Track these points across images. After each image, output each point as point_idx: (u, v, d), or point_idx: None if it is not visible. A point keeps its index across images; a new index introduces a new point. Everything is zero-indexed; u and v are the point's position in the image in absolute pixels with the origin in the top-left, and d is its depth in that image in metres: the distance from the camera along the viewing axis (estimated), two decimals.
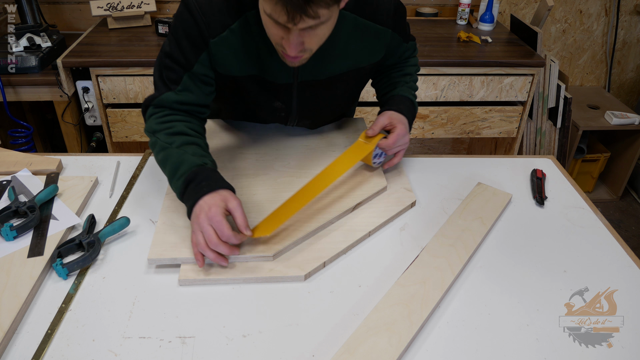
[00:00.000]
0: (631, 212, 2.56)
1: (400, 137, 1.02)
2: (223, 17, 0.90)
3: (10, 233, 0.87)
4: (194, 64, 0.93)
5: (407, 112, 1.06)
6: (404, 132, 1.02)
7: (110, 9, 2.12)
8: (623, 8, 2.54)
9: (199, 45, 0.92)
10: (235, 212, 0.83)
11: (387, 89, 1.12)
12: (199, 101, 0.96)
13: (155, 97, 0.95)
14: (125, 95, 1.94)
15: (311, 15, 0.75)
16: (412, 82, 1.14)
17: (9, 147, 1.53)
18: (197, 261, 0.82)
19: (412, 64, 1.16)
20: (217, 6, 0.90)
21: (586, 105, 2.51)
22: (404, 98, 1.08)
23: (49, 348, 0.71)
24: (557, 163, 1.19)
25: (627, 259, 0.91)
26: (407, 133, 1.04)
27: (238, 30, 0.92)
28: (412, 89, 1.12)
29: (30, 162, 1.08)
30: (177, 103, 0.94)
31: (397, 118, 1.03)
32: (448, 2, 2.45)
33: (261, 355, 0.71)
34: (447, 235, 0.92)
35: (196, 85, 0.95)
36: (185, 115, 0.96)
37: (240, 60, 0.95)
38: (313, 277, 0.84)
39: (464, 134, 2.18)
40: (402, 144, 1.04)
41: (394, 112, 1.04)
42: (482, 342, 0.74)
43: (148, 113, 0.97)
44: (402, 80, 1.12)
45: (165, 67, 0.94)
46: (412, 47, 1.14)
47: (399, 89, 1.10)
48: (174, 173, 0.88)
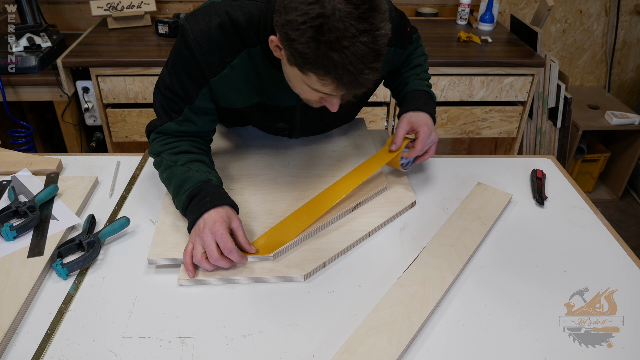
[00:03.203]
0: (631, 212, 2.56)
1: (425, 140, 1.00)
2: (223, 54, 0.88)
3: (10, 233, 0.87)
4: (195, 99, 0.92)
5: (425, 107, 1.03)
6: (428, 133, 1.00)
7: (110, 9, 2.12)
8: (623, 8, 2.54)
9: (200, 82, 0.90)
10: (237, 231, 0.84)
11: (400, 86, 1.11)
12: (202, 129, 0.96)
13: (158, 126, 0.95)
14: (125, 95, 1.94)
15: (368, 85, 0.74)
16: (424, 72, 1.11)
17: (9, 147, 1.53)
18: (187, 271, 0.81)
19: (418, 54, 1.14)
20: (216, 43, 0.87)
21: (586, 105, 2.51)
22: (419, 93, 1.06)
23: (49, 348, 0.71)
24: (557, 163, 1.19)
25: (627, 259, 0.91)
26: (432, 131, 1.01)
27: (239, 66, 0.90)
28: (424, 79, 1.10)
29: (30, 162, 1.08)
30: (180, 133, 0.95)
31: (417, 120, 1.01)
32: (448, 2, 2.45)
33: (261, 355, 0.71)
34: (447, 236, 0.92)
35: (198, 117, 0.94)
36: (190, 137, 0.96)
37: (242, 93, 0.94)
38: (313, 277, 0.84)
39: (464, 134, 2.18)
40: (429, 143, 1.02)
41: (413, 112, 1.02)
42: (482, 342, 0.74)
43: (151, 138, 0.97)
44: (412, 74, 1.10)
45: (166, 98, 0.93)
46: (415, 39, 1.12)
47: (412, 83, 1.08)
48: (178, 190, 0.88)
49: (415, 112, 1.02)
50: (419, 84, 1.08)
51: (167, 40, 2.06)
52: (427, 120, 1.01)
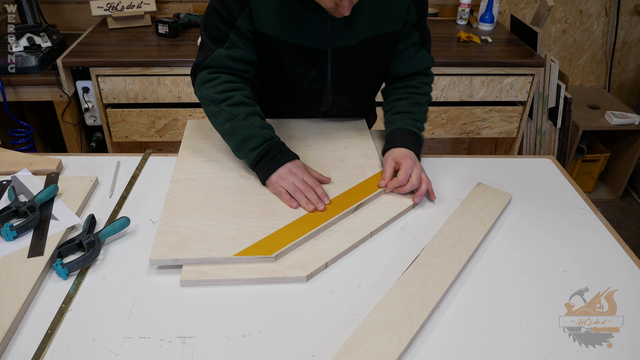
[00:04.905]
0: (631, 212, 2.56)
1: (408, 170, 1.00)
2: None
3: (10, 233, 0.87)
4: (238, 19, 0.99)
5: (411, 147, 1.05)
6: (411, 164, 1.01)
7: (110, 9, 2.12)
8: (623, 8, 2.54)
9: (241, 1, 0.98)
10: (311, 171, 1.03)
11: (392, 117, 1.13)
12: (247, 56, 1.04)
13: (207, 57, 1.03)
14: (125, 95, 1.94)
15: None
16: (421, 113, 1.13)
17: (9, 147, 1.54)
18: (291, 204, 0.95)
19: (423, 92, 1.16)
20: None
21: (586, 105, 2.51)
22: (408, 133, 1.08)
23: (49, 348, 0.71)
24: (557, 163, 1.19)
25: (627, 259, 0.91)
26: (416, 164, 1.02)
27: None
28: (418, 120, 1.11)
29: (30, 162, 1.08)
30: (229, 58, 1.02)
31: (400, 154, 1.04)
32: (448, 2, 2.45)
33: (261, 355, 0.71)
34: (447, 235, 0.92)
35: (242, 41, 1.02)
36: (237, 78, 1.05)
37: (276, 21, 1.00)
38: (313, 278, 0.84)
39: (464, 134, 2.18)
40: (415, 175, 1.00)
41: (398, 148, 1.05)
42: (482, 342, 0.74)
43: (200, 78, 1.04)
44: (409, 111, 1.12)
45: (211, 25, 1.02)
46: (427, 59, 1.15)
47: (404, 122, 1.09)
48: (244, 145, 1.01)
49: (399, 149, 1.05)
50: (411, 124, 1.09)
51: (167, 40, 2.06)
52: (411, 154, 1.04)
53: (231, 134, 1.02)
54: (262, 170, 1.00)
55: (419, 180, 1.00)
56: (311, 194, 0.97)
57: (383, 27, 1.05)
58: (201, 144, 1.15)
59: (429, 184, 1.01)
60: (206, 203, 0.96)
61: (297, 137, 1.19)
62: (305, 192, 0.97)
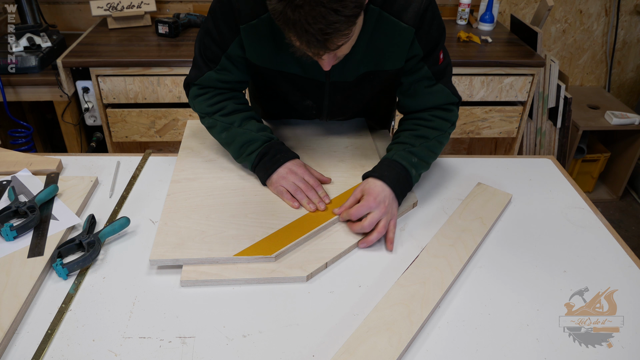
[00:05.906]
0: (631, 212, 2.56)
1: (363, 209, 0.89)
2: (256, 5, 0.90)
3: (10, 233, 0.87)
4: (230, 45, 0.97)
5: (391, 181, 0.93)
6: (372, 203, 0.89)
7: (110, 9, 2.12)
8: (623, 8, 2.54)
9: (233, 29, 0.95)
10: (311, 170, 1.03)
11: (390, 147, 1.03)
12: (239, 79, 1.03)
13: (198, 77, 1.02)
14: (125, 95, 1.94)
15: (334, 47, 0.76)
16: (424, 148, 1.00)
17: (9, 147, 1.53)
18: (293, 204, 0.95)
19: (435, 126, 1.02)
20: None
21: (586, 105, 2.51)
22: (395, 165, 0.96)
23: (49, 348, 0.71)
24: (557, 163, 1.19)
25: (627, 259, 0.91)
26: (380, 206, 0.89)
27: (269, 22, 0.92)
28: (415, 154, 0.98)
29: (30, 162, 1.08)
30: (219, 81, 1.02)
31: (370, 188, 0.92)
32: (448, 2, 2.45)
33: (261, 355, 0.71)
34: (447, 235, 0.92)
35: (234, 65, 1.00)
36: (229, 92, 1.05)
37: (268, 51, 0.97)
38: (313, 278, 0.84)
39: (464, 134, 2.18)
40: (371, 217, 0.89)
41: (373, 179, 0.94)
42: (482, 342, 0.74)
43: (193, 93, 1.05)
44: (409, 143, 1.00)
45: (204, 45, 1.00)
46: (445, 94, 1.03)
47: (397, 153, 0.98)
48: (243, 150, 1.01)
49: (374, 180, 0.93)
50: (403, 157, 0.97)
51: (167, 40, 2.06)
52: (382, 192, 0.91)
53: (230, 142, 1.03)
54: (262, 170, 1.00)
55: (371, 226, 0.88)
56: (312, 193, 0.97)
57: (382, 65, 0.98)
58: (201, 144, 1.15)
59: (382, 234, 0.89)
60: (206, 203, 0.96)
61: (296, 137, 1.19)
62: (306, 192, 0.96)
